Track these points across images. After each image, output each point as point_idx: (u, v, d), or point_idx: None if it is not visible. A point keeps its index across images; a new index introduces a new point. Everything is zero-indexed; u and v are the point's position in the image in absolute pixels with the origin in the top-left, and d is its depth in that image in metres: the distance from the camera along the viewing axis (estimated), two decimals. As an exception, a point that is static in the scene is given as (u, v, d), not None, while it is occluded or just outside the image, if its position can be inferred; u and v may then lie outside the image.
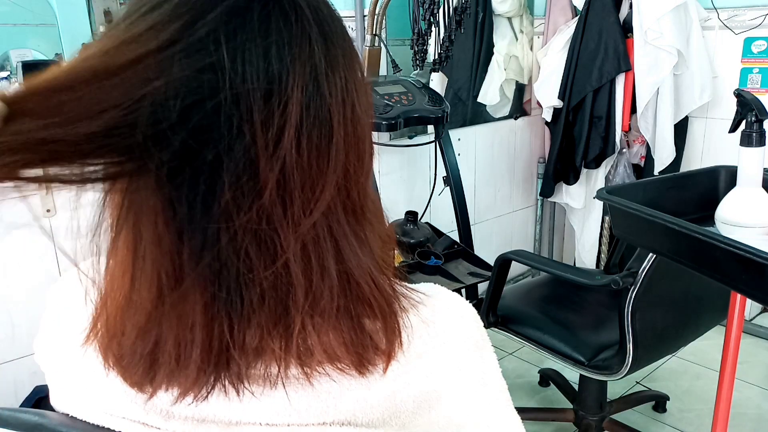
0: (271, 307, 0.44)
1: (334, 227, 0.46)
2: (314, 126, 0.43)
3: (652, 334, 1.57)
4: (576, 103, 2.60)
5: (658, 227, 1.08)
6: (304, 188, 0.43)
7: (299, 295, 0.44)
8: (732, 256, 0.94)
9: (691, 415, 2.15)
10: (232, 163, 0.40)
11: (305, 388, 0.48)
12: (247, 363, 0.46)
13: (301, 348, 0.46)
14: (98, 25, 1.94)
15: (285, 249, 0.43)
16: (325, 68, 0.44)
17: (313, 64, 0.43)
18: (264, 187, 0.41)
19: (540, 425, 2.12)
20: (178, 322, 0.44)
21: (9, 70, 1.86)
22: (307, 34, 0.43)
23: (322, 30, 0.44)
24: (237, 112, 0.40)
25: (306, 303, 0.45)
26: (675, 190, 1.34)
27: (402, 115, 1.85)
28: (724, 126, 2.55)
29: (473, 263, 2.03)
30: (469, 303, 0.58)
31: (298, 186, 0.42)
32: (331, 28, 0.45)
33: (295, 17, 0.43)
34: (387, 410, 0.50)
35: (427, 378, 0.51)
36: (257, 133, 0.40)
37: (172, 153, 0.39)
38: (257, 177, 0.41)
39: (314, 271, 0.45)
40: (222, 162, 0.40)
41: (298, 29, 0.43)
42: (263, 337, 0.45)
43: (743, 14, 2.46)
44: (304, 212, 0.43)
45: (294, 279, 0.44)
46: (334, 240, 0.46)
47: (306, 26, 0.43)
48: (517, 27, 2.79)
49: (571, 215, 2.93)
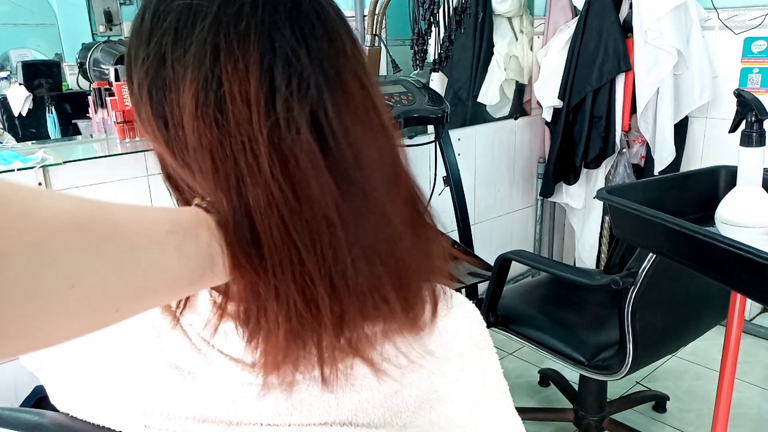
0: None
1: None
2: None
3: (652, 334, 1.57)
4: (576, 103, 2.60)
5: (658, 227, 1.08)
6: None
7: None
8: (732, 256, 0.94)
9: (691, 415, 2.15)
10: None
11: (309, 388, 0.48)
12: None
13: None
14: (98, 25, 1.94)
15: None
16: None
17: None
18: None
19: (540, 425, 2.12)
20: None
21: (9, 70, 1.87)
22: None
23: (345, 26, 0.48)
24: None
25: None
26: (675, 190, 1.34)
27: (402, 115, 1.85)
28: (724, 126, 2.55)
29: (473, 263, 2.03)
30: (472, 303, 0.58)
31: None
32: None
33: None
34: (388, 410, 0.50)
35: (428, 378, 0.51)
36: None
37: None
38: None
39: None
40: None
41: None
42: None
43: (743, 14, 2.46)
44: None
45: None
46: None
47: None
48: (517, 27, 2.79)
49: (571, 215, 2.93)
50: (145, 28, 0.45)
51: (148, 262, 0.36)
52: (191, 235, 0.40)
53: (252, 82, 0.41)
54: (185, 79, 0.42)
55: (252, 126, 0.41)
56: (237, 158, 0.41)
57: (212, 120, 0.41)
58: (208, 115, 0.41)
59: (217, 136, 0.41)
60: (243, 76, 0.41)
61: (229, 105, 0.41)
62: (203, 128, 0.42)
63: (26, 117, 1.82)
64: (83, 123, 1.85)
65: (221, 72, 0.41)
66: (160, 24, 0.44)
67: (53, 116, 1.87)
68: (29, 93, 1.81)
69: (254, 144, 0.41)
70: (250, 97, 0.41)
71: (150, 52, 0.44)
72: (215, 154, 0.42)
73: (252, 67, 0.41)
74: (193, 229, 0.40)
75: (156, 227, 0.38)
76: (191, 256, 0.39)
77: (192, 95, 0.42)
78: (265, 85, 0.41)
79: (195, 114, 0.42)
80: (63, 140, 1.85)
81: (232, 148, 0.41)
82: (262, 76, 0.41)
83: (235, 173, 0.42)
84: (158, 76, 0.44)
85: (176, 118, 0.43)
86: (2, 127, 1.81)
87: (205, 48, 0.42)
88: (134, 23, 0.47)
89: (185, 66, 0.42)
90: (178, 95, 0.42)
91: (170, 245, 0.38)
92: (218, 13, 0.42)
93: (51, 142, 1.83)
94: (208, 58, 0.42)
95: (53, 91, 1.87)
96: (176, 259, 0.38)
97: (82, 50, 1.92)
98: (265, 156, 0.41)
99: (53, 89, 1.87)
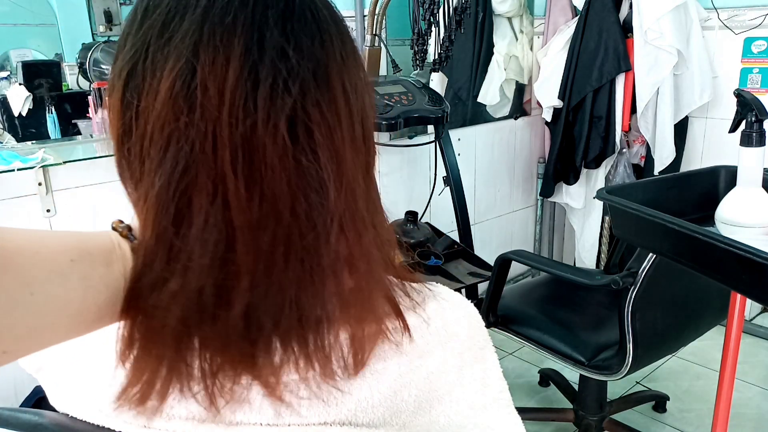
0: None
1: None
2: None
3: (652, 334, 1.57)
4: (576, 103, 2.60)
5: (658, 227, 1.07)
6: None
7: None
8: (732, 256, 0.94)
9: (691, 415, 2.15)
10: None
11: (308, 388, 0.47)
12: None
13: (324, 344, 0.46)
14: (98, 25, 1.94)
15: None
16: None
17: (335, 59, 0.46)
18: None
19: (540, 425, 2.12)
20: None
21: (9, 70, 1.86)
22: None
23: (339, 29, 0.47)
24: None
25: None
26: (675, 190, 1.34)
27: (402, 115, 1.85)
28: (724, 126, 2.55)
29: (473, 263, 2.03)
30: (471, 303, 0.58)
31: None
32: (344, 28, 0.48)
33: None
34: (388, 410, 0.49)
35: (428, 378, 0.51)
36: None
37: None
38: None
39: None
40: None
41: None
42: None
43: (743, 14, 2.45)
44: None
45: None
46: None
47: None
48: (517, 27, 2.79)
49: (571, 215, 2.93)
50: (137, 19, 0.45)
51: (44, 298, 0.33)
52: (101, 263, 0.37)
53: (230, 75, 0.41)
54: (165, 68, 0.42)
55: (221, 116, 0.41)
56: (194, 145, 0.41)
57: (181, 109, 0.41)
58: (177, 104, 0.41)
59: (182, 124, 0.41)
60: (220, 68, 0.41)
61: (199, 96, 0.41)
62: (170, 116, 0.41)
63: (26, 117, 1.82)
64: (83, 123, 1.85)
65: (198, 63, 0.41)
66: (150, 15, 0.44)
67: (53, 116, 1.87)
68: (29, 93, 1.81)
69: (218, 134, 0.41)
70: (224, 89, 0.41)
71: (137, 41, 0.44)
72: (171, 142, 0.41)
73: (233, 61, 0.41)
74: (104, 256, 0.38)
75: (59, 256, 0.35)
76: (100, 288, 0.37)
77: (168, 84, 0.41)
78: (245, 80, 0.41)
79: (166, 101, 0.41)
80: (63, 140, 1.85)
81: (192, 137, 0.41)
82: (243, 70, 0.41)
83: (186, 160, 0.41)
84: (139, 64, 0.44)
85: (147, 106, 0.42)
86: (2, 127, 1.81)
87: (187, 39, 0.42)
88: (128, 16, 0.47)
89: (167, 56, 0.42)
90: (156, 83, 0.42)
91: (74, 276, 0.35)
92: (207, 6, 0.42)
93: (51, 142, 1.83)
94: (189, 49, 0.41)
95: (53, 91, 1.87)
96: (80, 291, 0.35)
97: (82, 50, 1.92)
98: (228, 146, 0.41)
99: (53, 89, 1.87)
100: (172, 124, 0.41)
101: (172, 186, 0.41)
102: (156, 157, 0.42)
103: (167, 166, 0.41)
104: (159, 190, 0.41)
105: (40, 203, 1.61)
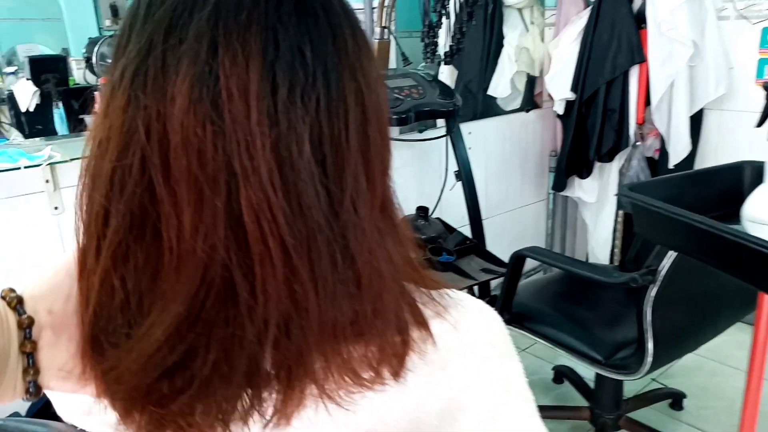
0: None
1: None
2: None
3: (672, 333, 1.54)
4: (589, 96, 2.57)
5: (683, 226, 1.04)
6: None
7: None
8: (761, 256, 0.90)
9: (708, 413, 2.11)
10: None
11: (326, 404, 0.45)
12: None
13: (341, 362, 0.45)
14: (104, 19, 1.93)
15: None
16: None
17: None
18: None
19: (556, 423, 2.10)
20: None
21: (16, 65, 1.86)
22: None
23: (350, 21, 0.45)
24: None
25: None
26: (698, 186, 1.31)
27: (413, 108, 1.82)
28: (741, 118, 2.52)
29: (486, 259, 2.00)
30: (493, 309, 0.56)
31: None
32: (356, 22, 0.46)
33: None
34: (410, 423, 0.47)
35: (451, 388, 0.49)
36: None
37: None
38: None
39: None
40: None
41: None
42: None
43: (760, 3, 2.40)
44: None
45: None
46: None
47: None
48: (528, 18, 2.74)
49: (584, 210, 2.90)
50: (140, 14, 0.42)
51: None
52: None
53: (252, 78, 0.39)
54: (179, 71, 0.39)
55: (250, 124, 0.38)
56: (231, 158, 0.39)
57: (206, 117, 0.38)
58: (202, 112, 0.38)
59: (211, 133, 0.38)
60: (242, 70, 0.39)
61: (225, 101, 0.38)
62: (194, 125, 0.38)
63: (33, 113, 1.81)
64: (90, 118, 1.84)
65: (219, 66, 0.39)
66: (154, 11, 0.41)
67: (60, 111, 1.86)
68: (36, 88, 1.80)
69: (251, 144, 0.39)
70: (249, 93, 0.38)
71: (142, 39, 0.41)
72: (205, 153, 0.39)
73: (252, 61, 0.39)
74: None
75: None
76: None
77: (186, 89, 0.39)
78: (266, 81, 0.39)
79: (187, 109, 0.38)
80: (70, 136, 1.83)
81: (225, 148, 0.39)
82: (263, 71, 0.39)
83: (226, 174, 0.39)
84: (146, 65, 0.40)
85: (161, 111, 0.40)
86: (9, 123, 1.80)
87: (201, 39, 0.39)
88: (129, 9, 0.44)
89: (179, 57, 0.39)
90: (171, 88, 0.39)
91: None
92: (218, 3, 0.40)
93: (58, 138, 1.81)
94: (205, 50, 0.39)
95: (60, 86, 1.86)
96: None
97: (88, 45, 1.91)
98: (262, 157, 0.39)
99: (60, 84, 1.86)
100: (200, 133, 0.39)
101: (221, 200, 0.39)
102: (183, 172, 0.39)
103: (207, 187, 0.39)
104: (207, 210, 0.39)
105: (48, 201, 1.59)
